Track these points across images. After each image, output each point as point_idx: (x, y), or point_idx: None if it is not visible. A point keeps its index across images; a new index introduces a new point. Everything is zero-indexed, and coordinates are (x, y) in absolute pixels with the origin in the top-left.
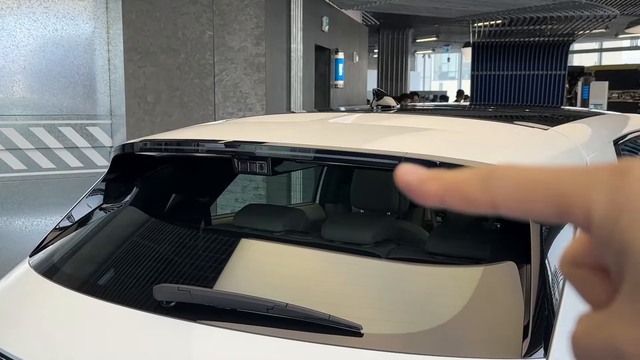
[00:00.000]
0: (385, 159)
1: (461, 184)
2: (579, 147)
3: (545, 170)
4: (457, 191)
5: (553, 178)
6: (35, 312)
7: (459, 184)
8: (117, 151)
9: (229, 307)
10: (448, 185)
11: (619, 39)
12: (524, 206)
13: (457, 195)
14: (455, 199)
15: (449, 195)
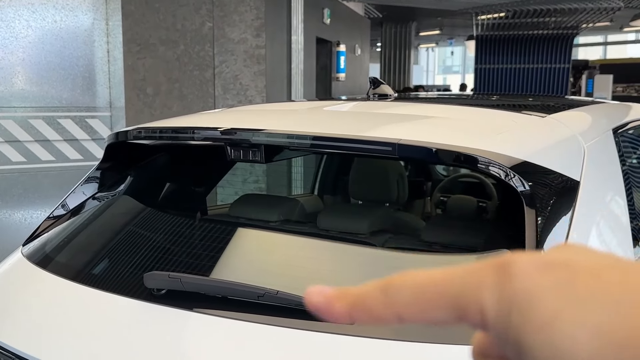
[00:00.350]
0: (379, 146)
1: (365, 301)
2: (576, 135)
3: (439, 273)
4: (362, 309)
5: (446, 282)
6: (27, 301)
7: (363, 300)
8: (111, 139)
9: (220, 294)
10: (353, 303)
11: (623, 32)
12: (425, 315)
13: (364, 312)
14: (362, 317)
15: (356, 313)
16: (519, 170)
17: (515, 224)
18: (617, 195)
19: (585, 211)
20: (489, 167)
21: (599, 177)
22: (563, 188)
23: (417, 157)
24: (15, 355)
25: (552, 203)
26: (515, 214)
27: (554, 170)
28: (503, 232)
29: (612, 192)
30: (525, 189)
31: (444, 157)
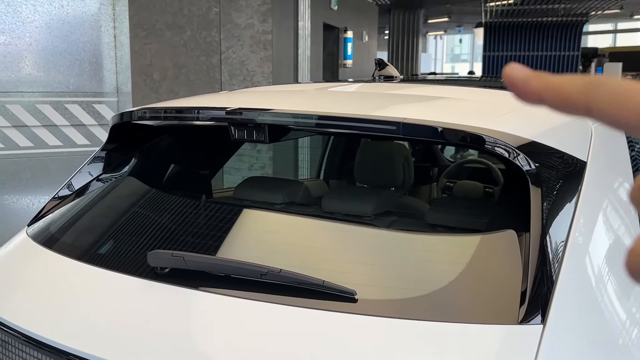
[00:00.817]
0: (384, 125)
1: (562, 84)
2: None
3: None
4: (556, 90)
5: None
6: (32, 280)
7: (561, 84)
8: (115, 120)
9: (223, 273)
10: (549, 84)
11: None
12: (616, 112)
13: (556, 94)
14: (553, 98)
15: (548, 93)
16: (526, 149)
17: (519, 204)
18: (625, 177)
19: (591, 192)
20: (494, 147)
21: (606, 159)
22: (570, 168)
23: (422, 137)
24: (21, 333)
25: (558, 183)
26: (521, 194)
27: (560, 150)
28: (507, 213)
29: (619, 173)
30: (531, 168)
31: (449, 137)
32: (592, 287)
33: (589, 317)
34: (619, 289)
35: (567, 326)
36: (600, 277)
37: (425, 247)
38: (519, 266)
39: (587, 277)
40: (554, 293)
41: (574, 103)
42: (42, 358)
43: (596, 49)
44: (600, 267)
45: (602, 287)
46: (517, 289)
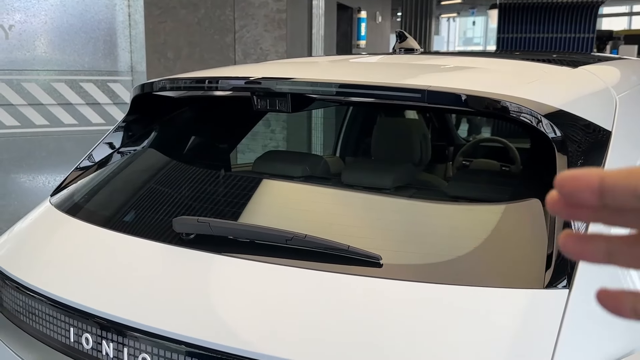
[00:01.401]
0: (408, 93)
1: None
2: (608, 86)
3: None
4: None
5: None
6: (58, 246)
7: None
8: (137, 91)
9: (248, 238)
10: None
11: None
12: None
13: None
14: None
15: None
16: (552, 117)
17: (544, 175)
18: None
19: (616, 160)
20: (520, 115)
21: (631, 129)
22: (595, 137)
23: (447, 105)
24: (48, 298)
25: (583, 151)
26: (545, 165)
27: (586, 119)
28: (531, 183)
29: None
30: (556, 136)
31: (474, 104)
32: None
33: (615, 283)
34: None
35: (592, 291)
36: None
37: (449, 216)
38: (545, 233)
39: None
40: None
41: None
42: (71, 321)
43: (611, 31)
44: (624, 231)
45: None
46: (543, 254)
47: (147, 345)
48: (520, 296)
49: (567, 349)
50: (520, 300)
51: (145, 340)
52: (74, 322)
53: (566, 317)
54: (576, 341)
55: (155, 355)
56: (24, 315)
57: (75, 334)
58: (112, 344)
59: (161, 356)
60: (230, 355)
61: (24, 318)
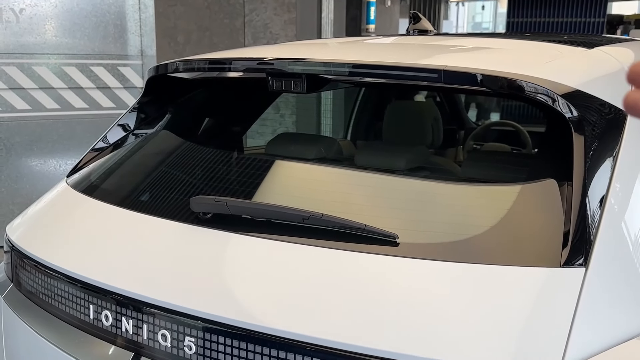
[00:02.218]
0: (424, 73)
1: None
2: (624, 66)
3: None
4: None
5: None
6: (76, 225)
7: None
8: (152, 72)
9: (265, 218)
10: None
11: None
12: None
13: None
14: None
15: None
16: (569, 97)
17: (560, 156)
18: None
19: (633, 140)
20: (537, 95)
21: None
22: (611, 117)
23: (463, 85)
24: (67, 276)
25: (600, 131)
26: (560, 146)
27: (602, 99)
28: (546, 163)
29: None
30: (573, 115)
31: (490, 84)
32: (635, 231)
33: (631, 262)
34: None
35: (609, 270)
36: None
37: (465, 196)
38: (561, 212)
39: (630, 220)
40: (596, 237)
41: None
42: (90, 299)
43: (622, 16)
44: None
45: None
46: (560, 233)
47: (166, 321)
48: (537, 274)
49: (584, 326)
50: (537, 279)
51: (164, 317)
52: (93, 300)
53: (583, 295)
54: (592, 319)
55: (175, 332)
56: (43, 294)
57: (94, 311)
58: (132, 321)
59: (180, 332)
60: (248, 331)
61: (43, 296)
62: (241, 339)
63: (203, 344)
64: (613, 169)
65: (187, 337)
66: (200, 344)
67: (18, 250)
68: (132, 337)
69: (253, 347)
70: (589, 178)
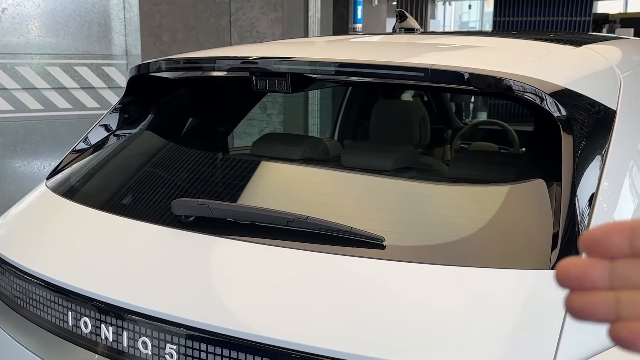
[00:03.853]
0: (410, 72)
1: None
2: (612, 65)
3: None
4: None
5: None
6: (55, 230)
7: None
8: (133, 72)
9: (249, 220)
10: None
11: None
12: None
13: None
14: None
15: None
16: (557, 96)
17: (548, 156)
18: None
19: (622, 139)
20: (525, 93)
21: (635, 108)
22: (600, 116)
23: (450, 84)
24: (46, 282)
25: (588, 130)
26: (548, 146)
27: (590, 98)
28: (534, 163)
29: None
30: (561, 114)
31: (478, 83)
32: None
33: None
34: None
35: None
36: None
37: (452, 197)
38: (550, 213)
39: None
40: None
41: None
42: (69, 305)
43: (607, 14)
44: (629, 210)
45: None
46: (549, 234)
47: (146, 328)
48: (526, 277)
49: (574, 329)
50: (526, 281)
51: (145, 324)
52: (72, 306)
53: None
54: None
55: (155, 339)
56: (22, 300)
57: (73, 318)
58: (111, 328)
59: (161, 339)
60: (231, 338)
61: (22, 302)
62: (224, 346)
63: (185, 351)
64: (602, 168)
65: (169, 344)
66: (182, 351)
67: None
68: (112, 345)
69: (236, 354)
70: (578, 178)
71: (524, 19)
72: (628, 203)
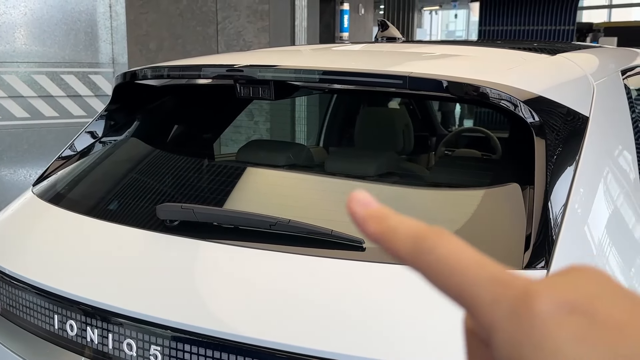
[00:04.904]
0: (390, 79)
1: (395, 237)
2: (585, 73)
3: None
4: (389, 243)
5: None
6: (41, 235)
7: (394, 236)
8: (119, 80)
9: (232, 224)
10: (384, 232)
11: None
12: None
13: (388, 246)
14: (386, 247)
15: (382, 243)
16: (530, 103)
17: (523, 161)
18: (626, 133)
19: (594, 144)
20: (500, 101)
21: (608, 114)
22: (573, 122)
23: (428, 91)
24: (32, 286)
25: (561, 135)
26: (524, 151)
27: (563, 105)
28: (510, 168)
29: (620, 129)
30: (535, 120)
31: (455, 90)
32: (597, 233)
33: (593, 264)
34: (621, 236)
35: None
36: (601, 224)
37: (430, 200)
38: (523, 215)
39: (591, 223)
40: (557, 239)
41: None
42: (55, 308)
43: (591, 23)
44: (602, 214)
45: (604, 234)
46: (522, 236)
47: (131, 330)
48: None
49: None
50: None
51: (130, 326)
52: (58, 310)
53: None
54: None
55: (140, 340)
56: (8, 304)
57: (59, 321)
58: (97, 330)
59: (146, 341)
60: (215, 339)
61: (8, 307)
62: (208, 347)
63: (169, 352)
64: (575, 173)
65: (153, 345)
66: (166, 352)
67: None
68: (97, 347)
69: (219, 354)
70: (550, 182)
71: (508, 28)
72: (601, 203)
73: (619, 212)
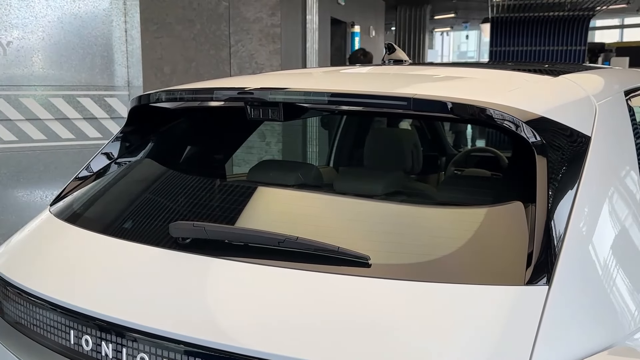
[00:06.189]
0: (395, 101)
1: None
2: (588, 94)
3: None
4: None
5: None
6: (58, 253)
7: None
8: (134, 103)
9: (242, 242)
10: None
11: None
12: None
13: None
14: None
15: None
16: (533, 123)
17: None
18: (629, 152)
19: (596, 163)
20: (503, 122)
21: (610, 134)
22: (574, 142)
23: (432, 112)
24: (49, 302)
25: (563, 155)
26: (527, 171)
27: (566, 125)
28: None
29: (623, 148)
30: (536, 140)
31: (458, 112)
32: (597, 252)
33: (594, 281)
34: (623, 254)
35: (571, 289)
36: (604, 242)
37: (435, 218)
38: (526, 233)
39: (593, 241)
40: (559, 257)
41: None
42: (71, 324)
43: (603, 43)
44: (604, 232)
45: (607, 252)
46: (524, 253)
47: (145, 345)
48: (502, 292)
49: (547, 342)
50: (502, 296)
51: (144, 341)
52: (74, 325)
53: (546, 312)
54: (555, 336)
55: (153, 355)
56: (26, 320)
57: (75, 337)
58: (111, 345)
59: (158, 355)
60: (227, 353)
61: (26, 323)
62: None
63: None
64: (576, 191)
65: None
66: None
67: (1, 278)
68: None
69: None
70: (552, 200)
71: (520, 49)
72: (603, 221)
73: (626, 232)
